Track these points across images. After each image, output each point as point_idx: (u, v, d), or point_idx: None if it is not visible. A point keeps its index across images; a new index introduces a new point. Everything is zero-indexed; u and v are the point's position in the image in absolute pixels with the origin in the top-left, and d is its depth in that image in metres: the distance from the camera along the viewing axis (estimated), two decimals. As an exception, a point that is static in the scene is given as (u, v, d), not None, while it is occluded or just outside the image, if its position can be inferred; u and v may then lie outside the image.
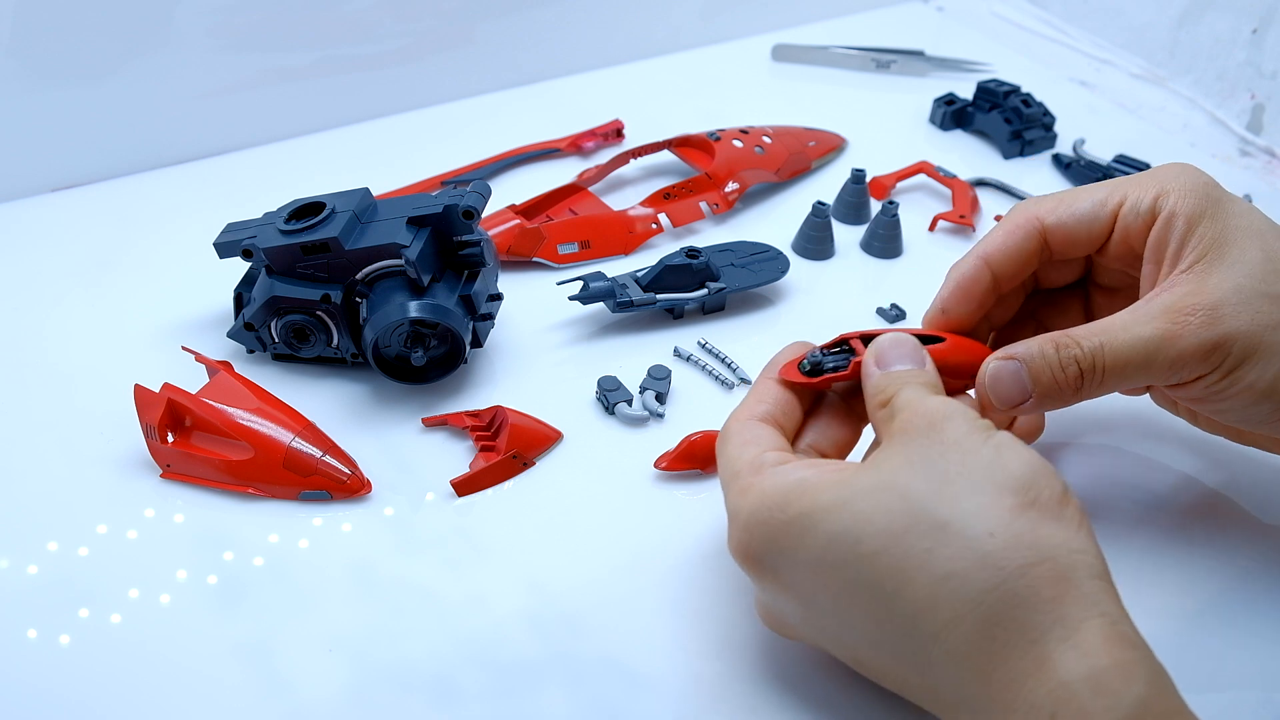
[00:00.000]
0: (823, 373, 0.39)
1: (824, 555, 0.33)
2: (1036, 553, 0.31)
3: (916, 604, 0.31)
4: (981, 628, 0.30)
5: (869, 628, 0.33)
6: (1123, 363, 0.37)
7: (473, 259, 0.48)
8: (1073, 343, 0.38)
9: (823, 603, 0.34)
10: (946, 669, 0.31)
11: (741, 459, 0.36)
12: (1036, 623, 0.30)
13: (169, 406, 0.43)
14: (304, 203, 0.48)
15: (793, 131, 0.68)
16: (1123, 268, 0.42)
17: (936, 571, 0.31)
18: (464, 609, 0.40)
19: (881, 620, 0.32)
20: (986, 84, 0.72)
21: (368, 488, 0.44)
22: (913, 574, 0.31)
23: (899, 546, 0.31)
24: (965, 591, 0.30)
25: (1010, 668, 0.30)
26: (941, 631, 0.31)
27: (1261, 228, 0.39)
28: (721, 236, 0.60)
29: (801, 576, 0.34)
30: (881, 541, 0.32)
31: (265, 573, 0.41)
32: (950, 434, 0.33)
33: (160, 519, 0.42)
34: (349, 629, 0.39)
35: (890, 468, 0.33)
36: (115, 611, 0.39)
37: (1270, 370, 0.38)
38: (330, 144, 0.67)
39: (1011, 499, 0.31)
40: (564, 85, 0.74)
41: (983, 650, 0.30)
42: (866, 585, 0.32)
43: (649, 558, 0.42)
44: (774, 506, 0.34)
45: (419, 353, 0.46)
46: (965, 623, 0.30)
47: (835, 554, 0.32)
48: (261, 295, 0.47)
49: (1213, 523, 0.45)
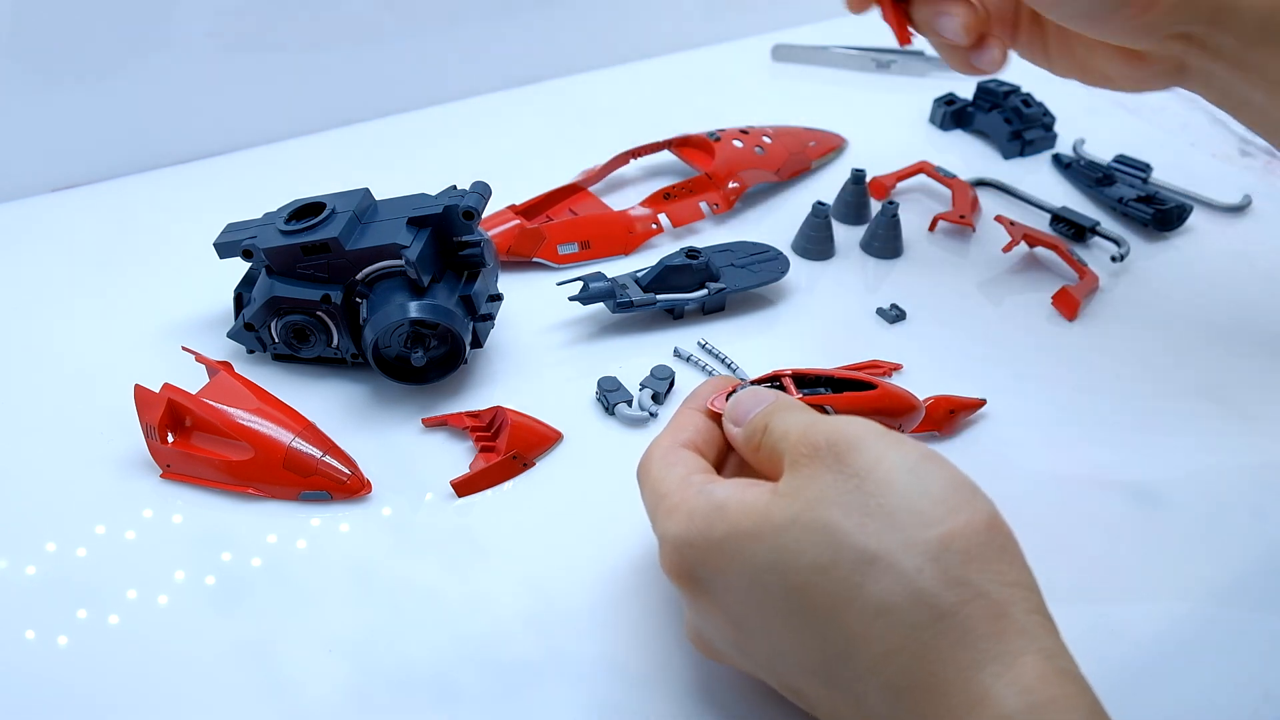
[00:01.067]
0: None
1: (753, 581, 0.32)
2: (969, 589, 0.30)
3: (851, 637, 0.30)
4: (918, 662, 0.30)
5: (803, 656, 0.32)
6: None
7: (473, 259, 0.47)
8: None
9: (755, 627, 0.33)
10: (882, 702, 0.31)
11: (666, 480, 0.35)
12: (974, 659, 0.29)
13: (169, 406, 0.43)
14: (304, 203, 0.48)
15: (793, 131, 0.68)
16: None
17: (869, 605, 0.30)
18: (464, 609, 0.40)
19: (815, 650, 0.32)
20: (986, 84, 0.72)
21: (367, 488, 0.43)
22: (845, 607, 0.30)
23: (828, 580, 0.31)
24: (900, 627, 0.30)
25: (948, 702, 0.29)
26: (878, 665, 0.30)
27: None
28: (721, 237, 0.60)
29: (734, 599, 0.33)
30: (808, 575, 0.31)
31: (264, 573, 0.41)
32: (860, 461, 0.32)
33: (159, 519, 0.42)
34: (348, 629, 0.39)
35: (806, 499, 0.32)
36: (113, 612, 0.39)
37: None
38: (330, 144, 0.67)
39: (937, 530, 0.30)
40: (565, 85, 0.75)
41: (920, 684, 0.30)
42: (797, 613, 0.31)
43: (649, 558, 0.42)
44: (700, 528, 0.33)
45: (419, 353, 0.46)
46: (902, 656, 0.30)
47: (765, 582, 0.32)
48: (262, 295, 0.47)
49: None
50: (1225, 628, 0.41)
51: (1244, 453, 0.48)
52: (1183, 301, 0.57)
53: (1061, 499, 0.45)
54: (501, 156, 0.66)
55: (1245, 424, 0.49)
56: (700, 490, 0.34)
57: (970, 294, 0.46)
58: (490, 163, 0.65)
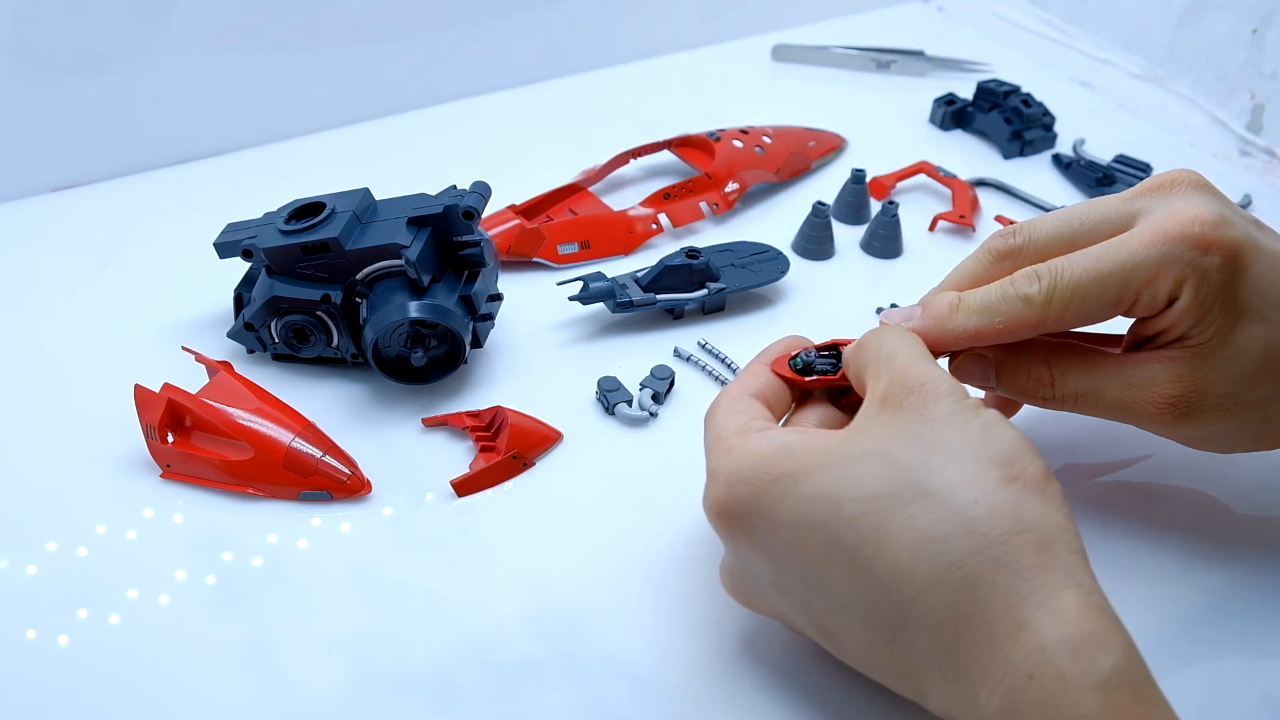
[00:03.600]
0: (813, 373, 0.39)
1: (804, 515, 0.33)
2: (1019, 522, 0.31)
3: (896, 566, 0.31)
4: (961, 590, 0.31)
5: (842, 591, 0.33)
6: (1090, 410, 0.40)
7: (473, 259, 0.47)
8: (1049, 387, 0.40)
9: (796, 565, 0.34)
10: (921, 634, 0.31)
11: (728, 425, 0.36)
12: (1016, 588, 0.30)
13: (169, 406, 0.43)
14: (304, 203, 0.48)
15: (793, 131, 0.68)
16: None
17: (919, 535, 0.31)
18: (464, 609, 0.40)
19: (857, 583, 0.32)
20: (986, 84, 0.72)
21: (368, 488, 0.43)
22: (894, 537, 0.31)
23: (882, 511, 0.32)
24: (947, 555, 0.31)
25: (987, 631, 0.30)
26: (920, 595, 0.31)
27: (1261, 307, 0.38)
28: (721, 236, 0.60)
29: (777, 537, 0.34)
30: (865, 506, 0.32)
31: (265, 573, 0.41)
32: (940, 410, 0.33)
33: (160, 519, 0.42)
34: (349, 629, 0.39)
35: (879, 436, 0.33)
36: (114, 612, 0.39)
37: (1231, 426, 0.39)
38: (330, 144, 0.67)
39: (997, 471, 0.32)
40: (565, 85, 0.75)
41: (960, 614, 0.31)
42: (845, 547, 0.32)
43: (649, 558, 0.42)
44: (757, 466, 0.34)
45: (419, 353, 0.46)
46: (944, 586, 0.31)
47: (816, 514, 0.33)
48: (262, 295, 0.47)
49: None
50: (1221, 627, 0.41)
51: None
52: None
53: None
54: (501, 156, 0.66)
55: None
56: (763, 433, 0.35)
57: (970, 294, 0.46)
58: (490, 162, 0.65)
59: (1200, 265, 0.37)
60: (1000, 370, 0.41)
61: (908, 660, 0.32)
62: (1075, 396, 0.40)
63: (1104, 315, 0.39)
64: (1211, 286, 0.38)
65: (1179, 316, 0.38)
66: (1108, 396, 0.40)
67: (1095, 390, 0.40)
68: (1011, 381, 0.41)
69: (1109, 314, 0.39)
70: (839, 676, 0.37)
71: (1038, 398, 0.41)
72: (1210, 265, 0.37)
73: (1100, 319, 0.39)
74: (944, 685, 0.31)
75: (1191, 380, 0.38)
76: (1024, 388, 0.41)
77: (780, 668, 0.38)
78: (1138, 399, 0.39)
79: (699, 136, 0.64)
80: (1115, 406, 0.40)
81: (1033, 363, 0.41)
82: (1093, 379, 0.40)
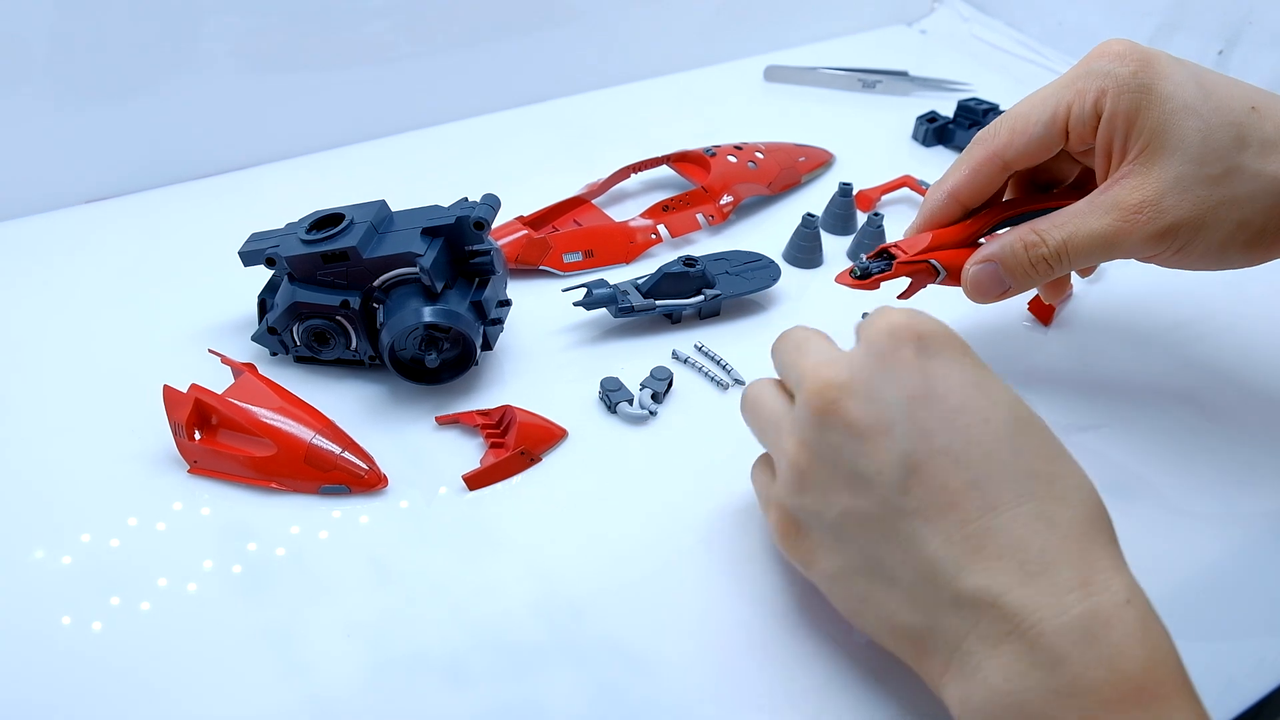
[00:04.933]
0: (870, 275, 0.45)
1: (969, 370, 0.33)
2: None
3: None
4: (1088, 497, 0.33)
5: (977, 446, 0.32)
6: (1083, 254, 0.42)
7: (483, 267, 0.48)
8: (1039, 241, 0.42)
9: (911, 416, 0.32)
10: (1016, 520, 0.31)
11: (817, 339, 0.37)
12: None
13: (196, 406, 0.43)
14: (324, 214, 0.48)
15: (784, 148, 0.68)
16: (1083, 153, 0.45)
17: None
18: (475, 596, 0.40)
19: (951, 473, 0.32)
20: (966, 102, 0.72)
21: (384, 482, 0.44)
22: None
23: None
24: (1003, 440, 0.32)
25: (1102, 546, 0.32)
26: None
27: (1192, 101, 0.40)
28: (717, 246, 0.60)
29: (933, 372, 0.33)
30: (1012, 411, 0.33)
31: (287, 562, 0.41)
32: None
33: (188, 512, 0.42)
34: (366, 615, 0.39)
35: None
36: (145, 599, 0.39)
37: (1217, 237, 0.41)
38: (349, 159, 0.67)
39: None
40: (570, 103, 0.74)
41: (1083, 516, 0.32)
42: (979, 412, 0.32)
43: (650, 547, 0.42)
44: (868, 370, 0.34)
45: (433, 355, 0.46)
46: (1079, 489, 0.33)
47: (972, 376, 0.33)
48: (284, 301, 0.47)
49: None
50: (1200, 620, 0.41)
51: (1217, 452, 0.48)
52: (1156, 307, 0.57)
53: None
54: (510, 171, 0.66)
55: (1216, 425, 0.49)
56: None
57: (951, 301, 0.46)
58: (500, 176, 0.65)
59: (1116, 74, 0.41)
60: (1002, 261, 0.43)
61: (978, 548, 0.31)
62: (1065, 240, 0.42)
63: (1047, 137, 0.43)
64: (1131, 90, 0.40)
65: (1111, 124, 0.41)
66: (1090, 229, 0.41)
67: (1077, 230, 0.41)
68: (1013, 260, 0.43)
69: (1050, 135, 0.43)
70: (843, 664, 0.37)
71: (1037, 257, 0.42)
72: (1125, 72, 0.41)
73: (1045, 141, 0.43)
74: (1018, 578, 0.30)
75: (1148, 183, 0.40)
76: (1025, 259, 0.43)
77: (781, 652, 0.38)
78: (1114, 222, 0.41)
79: (696, 152, 0.64)
80: (1100, 240, 0.41)
81: (1021, 238, 0.43)
82: (1072, 222, 0.42)
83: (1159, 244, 0.41)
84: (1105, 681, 0.29)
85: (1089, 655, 0.29)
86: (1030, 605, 0.30)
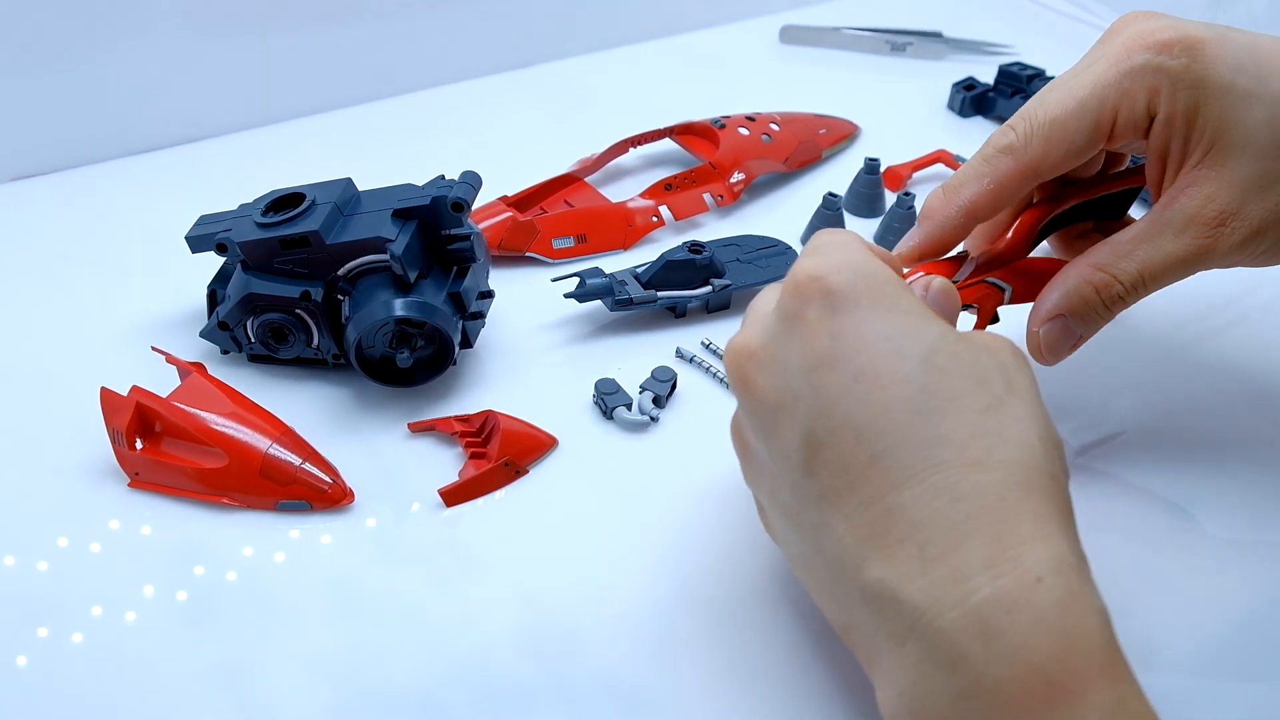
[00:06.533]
0: None
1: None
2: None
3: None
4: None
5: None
6: (1161, 282, 0.41)
7: (462, 254, 0.48)
8: (1111, 280, 0.41)
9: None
10: (924, 497, 0.31)
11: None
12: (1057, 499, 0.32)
13: (137, 411, 0.43)
14: (282, 194, 0.48)
15: (802, 118, 0.68)
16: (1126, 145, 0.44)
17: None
18: (452, 627, 0.40)
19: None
20: (1009, 67, 0.72)
21: (350, 497, 0.44)
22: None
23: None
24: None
25: (1009, 525, 0.31)
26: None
27: (1251, 85, 0.39)
28: (727, 230, 0.60)
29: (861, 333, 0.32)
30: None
31: (239, 589, 0.41)
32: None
33: (126, 531, 0.42)
34: (329, 648, 0.39)
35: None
36: (77, 630, 0.39)
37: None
38: (310, 131, 0.67)
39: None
40: (560, 68, 0.75)
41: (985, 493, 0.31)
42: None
43: (650, 571, 0.42)
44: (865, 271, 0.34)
45: (405, 353, 0.46)
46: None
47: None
48: (237, 292, 0.47)
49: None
50: (1257, 652, 0.41)
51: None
52: (1213, 294, 0.57)
53: (1080, 509, 0.45)
54: (493, 145, 0.66)
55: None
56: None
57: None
58: (481, 151, 0.65)
59: (1167, 68, 0.39)
60: (1071, 313, 0.42)
61: (888, 516, 0.31)
62: (1140, 272, 0.41)
63: (1088, 145, 0.41)
64: (1186, 85, 0.39)
65: (1168, 127, 0.40)
66: (1168, 250, 0.40)
67: (1154, 254, 0.40)
68: (1085, 308, 0.42)
69: (1092, 143, 0.41)
70: (849, 697, 0.38)
71: (1112, 298, 0.41)
72: (1177, 65, 0.39)
73: (1086, 151, 0.41)
74: (917, 566, 0.30)
75: (1224, 190, 0.40)
76: (1098, 304, 0.42)
77: (797, 695, 0.38)
78: (1194, 240, 0.40)
79: (702, 124, 0.65)
80: (1181, 262, 0.40)
81: (1082, 275, 0.42)
82: (1142, 249, 0.41)
83: (1242, 253, 0.40)
84: (1009, 679, 0.28)
85: (990, 652, 0.28)
86: (929, 597, 0.29)
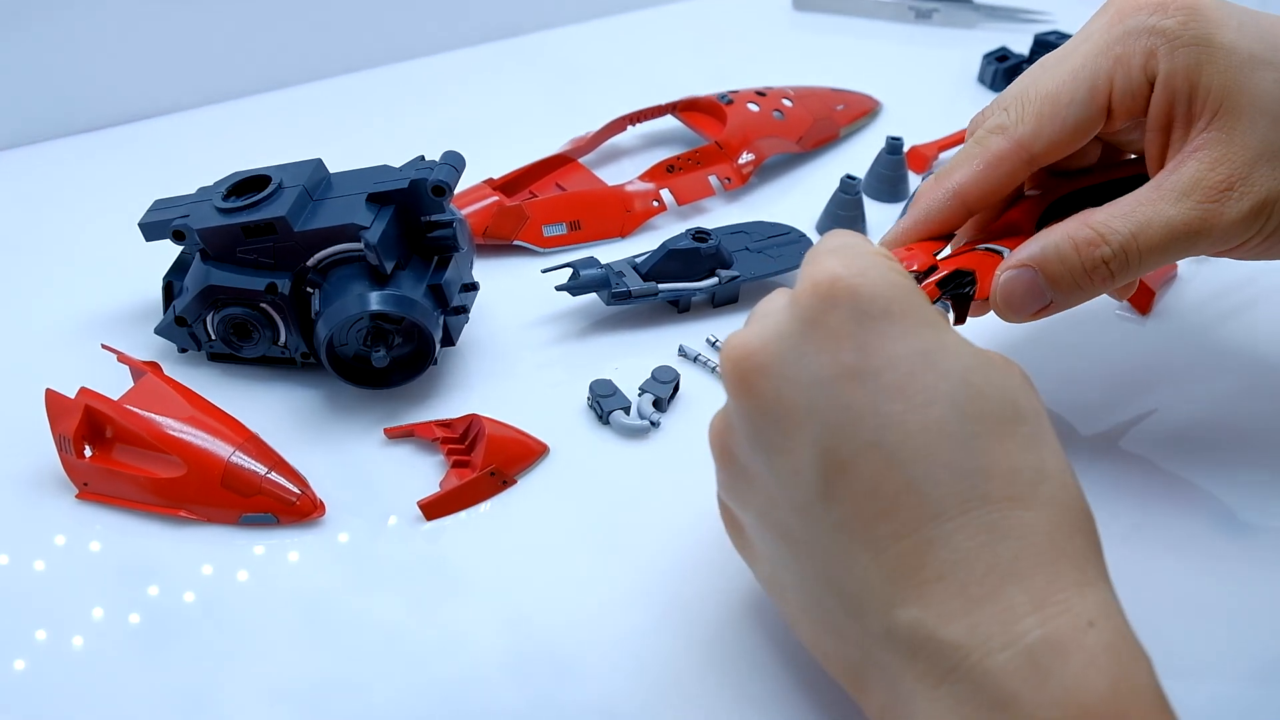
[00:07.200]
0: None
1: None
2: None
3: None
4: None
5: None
6: (1157, 252, 0.40)
7: (444, 243, 0.48)
8: (1097, 238, 0.40)
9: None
10: (963, 534, 0.31)
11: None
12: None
13: (86, 414, 0.43)
14: (246, 176, 0.48)
15: (818, 93, 0.68)
16: (1117, 133, 0.44)
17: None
18: (433, 651, 0.40)
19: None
20: (1045, 37, 0.72)
21: (321, 510, 0.44)
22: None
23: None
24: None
25: (1062, 566, 0.32)
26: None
27: (1258, 49, 0.40)
28: (735, 216, 0.60)
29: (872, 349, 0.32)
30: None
31: (199, 610, 0.41)
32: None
33: (74, 546, 0.42)
34: (298, 675, 0.39)
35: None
36: (18, 657, 0.39)
37: None
38: (276, 107, 0.67)
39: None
40: (552, 38, 0.75)
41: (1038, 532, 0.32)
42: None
43: (650, 590, 0.42)
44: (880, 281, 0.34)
45: (381, 352, 0.46)
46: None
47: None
48: (195, 285, 0.47)
49: None
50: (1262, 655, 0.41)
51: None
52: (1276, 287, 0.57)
53: (1134, 522, 0.45)
54: (477, 122, 0.66)
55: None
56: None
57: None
58: (464, 130, 0.65)
59: (1163, 28, 0.40)
60: (1044, 268, 0.41)
61: (917, 556, 0.31)
62: (1133, 234, 0.40)
63: (1087, 119, 0.41)
64: (1186, 44, 0.40)
65: (1168, 89, 0.40)
66: (1168, 216, 0.40)
67: (1151, 217, 0.40)
68: (1059, 265, 0.41)
69: (1090, 116, 0.41)
70: None
71: (1094, 260, 0.40)
72: (1172, 24, 0.40)
73: (1082, 128, 0.42)
74: (960, 605, 0.30)
75: (1233, 154, 0.40)
76: (1076, 263, 0.40)
77: (793, 716, 0.38)
78: (1196, 206, 0.40)
79: (708, 99, 0.65)
80: (1181, 231, 0.40)
81: (1066, 229, 0.41)
82: (1139, 211, 0.40)
83: (1249, 227, 0.40)
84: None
85: (1043, 694, 0.29)
86: (974, 638, 0.30)
